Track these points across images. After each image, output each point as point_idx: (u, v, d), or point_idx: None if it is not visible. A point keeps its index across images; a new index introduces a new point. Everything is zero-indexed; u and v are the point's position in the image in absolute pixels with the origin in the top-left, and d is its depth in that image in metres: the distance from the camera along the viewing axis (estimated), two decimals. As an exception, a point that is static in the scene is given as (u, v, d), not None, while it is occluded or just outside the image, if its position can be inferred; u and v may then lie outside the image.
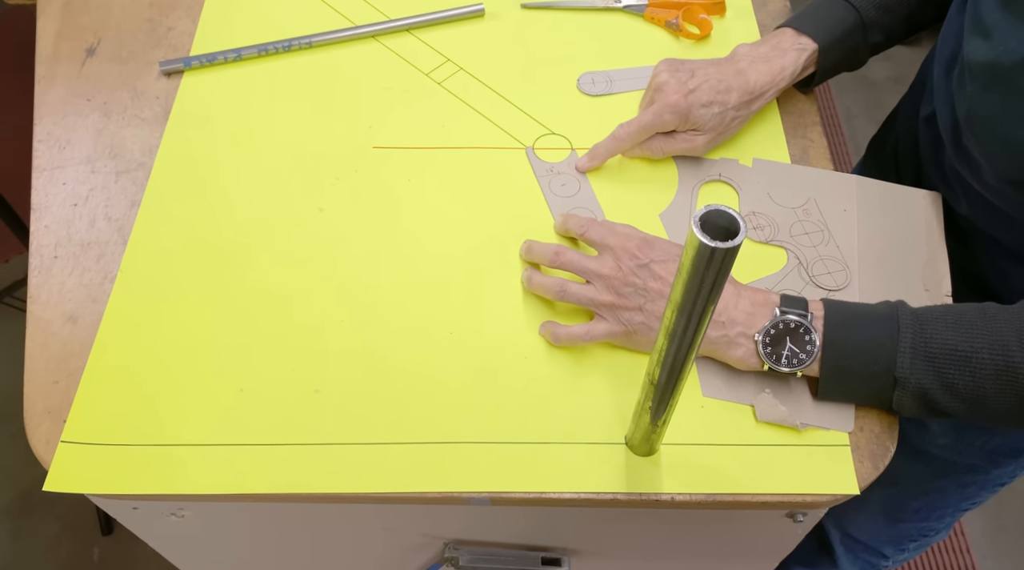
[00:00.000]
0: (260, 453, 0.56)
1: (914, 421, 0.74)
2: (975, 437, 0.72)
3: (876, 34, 0.69)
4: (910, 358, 0.52)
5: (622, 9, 0.82)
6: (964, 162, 0.61)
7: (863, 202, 0.67)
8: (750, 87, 0.67)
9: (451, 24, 0.81)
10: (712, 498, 0.55)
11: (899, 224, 0.65)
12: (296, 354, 0.60)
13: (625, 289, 0.58)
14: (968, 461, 0.76)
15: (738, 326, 0.56)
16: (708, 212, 0.37)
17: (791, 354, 0.55)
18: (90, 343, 0.60)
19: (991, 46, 0.54)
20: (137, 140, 0.72)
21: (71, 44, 0.78)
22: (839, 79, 2.15)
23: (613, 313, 0.58)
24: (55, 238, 0.66)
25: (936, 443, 0.75)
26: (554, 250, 0.61)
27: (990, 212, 0.61)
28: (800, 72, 0.69)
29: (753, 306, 0.56)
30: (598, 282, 0.59)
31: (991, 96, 0.54)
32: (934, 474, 0.80)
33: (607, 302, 0.58)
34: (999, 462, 0.75)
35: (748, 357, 0.56)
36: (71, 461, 0.55)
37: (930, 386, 0.52)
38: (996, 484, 0.80)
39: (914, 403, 0.54)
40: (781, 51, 0.68)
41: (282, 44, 0.77)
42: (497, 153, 0.72)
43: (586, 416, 0.58)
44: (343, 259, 0.65)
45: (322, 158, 0.71)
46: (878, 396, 0.55)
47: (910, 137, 0.73)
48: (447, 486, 0.55)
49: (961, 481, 0.80)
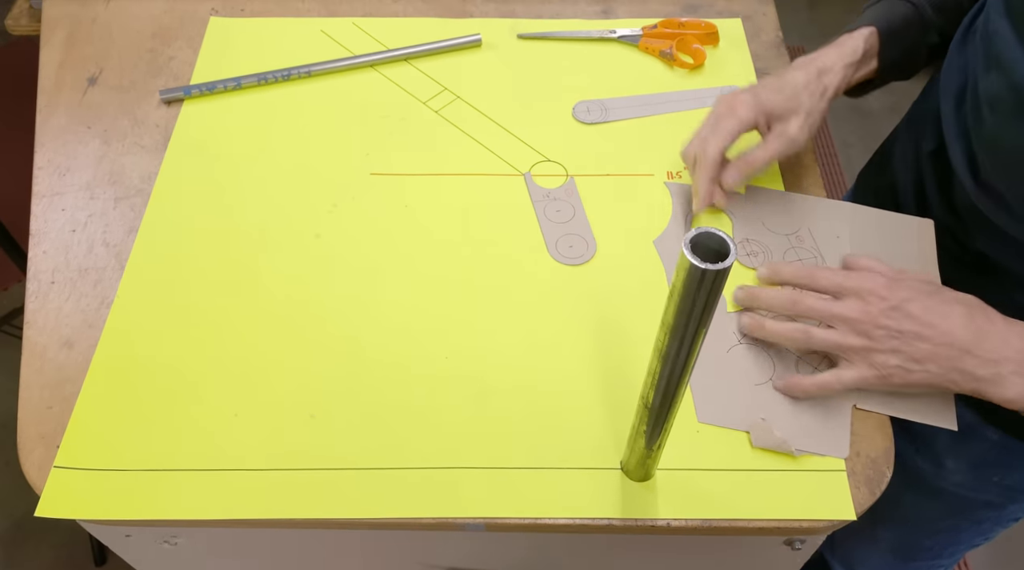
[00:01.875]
0: (254, 478, 0.56)
1: (929, 458, 0.72)
2: (992, 473, 0.71)
3: (933, 35, 0.68)
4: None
5: (617, 39, 0.84)
6: (984, 194, 0.60)
7: (856, 229, 0.68)
8: (814, 67, 0.65)
9: (448, 54, 0.82)
10: (708, 524, 0.55)
11: (892, 251, 0.65)
12: (291, 379, 0.60)
13: (876, 332, 0.55)
14: (984, 497, 0.74)
15: (1012, 364, 0.53)
16: (698, 234, 0.37)
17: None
18: (85, 369, 0.60)
19: (1010, 79, 0.54)
20: (136, 167, 0.73)
21: (73, 73, 0.79)
22: (835, 108, 2.16)
23: (865, 357, 0.56)
24: (53, 264, 0.66)
25: (952, 480, 0.73)
26: (791, 298, 0.59)
27: (1009, 245, 0.60)
28: (862, 54, 0.67)
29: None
30: (843, 326, 0.56)
31: (1012, 127, 0.54)
32: (948, 512, 0.78)
33: (858, 346, 0.56)
34: (1016, 498, 0.74)
35: (1022, 399, 0.53)
36: (64, 486, 0.55)
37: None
38: (1011, 519, 0.78)
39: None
40: (837, 43, 0.68)
41: (281, 73, 0.78)
42: (493, 180, 0.72)
43: (582, 442, 0.58)
44: (339, 285, 0.65)
45: (320, 185, 0.71)
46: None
47: (912, 172, 0.72)
48: (442, 512, 0.55)
49: (976, 517, 0.78)
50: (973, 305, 0.56)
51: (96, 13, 0.84)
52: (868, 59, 0.68)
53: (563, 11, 0.87)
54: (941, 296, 0.56)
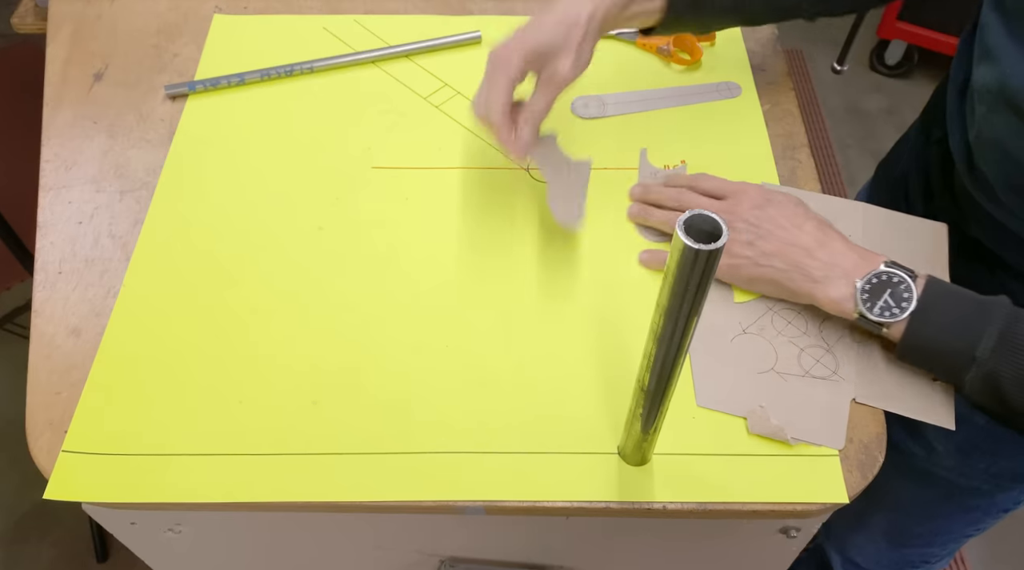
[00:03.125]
0: (258, 463, 0.57)
1: (921, 442, 0.74)
2: (980, 459, 0.72)
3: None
4: (995, 342, 0.54)
5: (615, 36, 0.85)
6: (976, 183, 0.62)
7: (869, 229, 0.68)
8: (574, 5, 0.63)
9: (449, 51, 0.84)
10: (703, 507, 0.56)
11: (904, 252, 0.66)
12: (294, 367, 0.61)
13: (739, 224, 0.62)
14: (973, 484, 0.75)
15: (841, 269, 0.59)
16: (692, 217, 0.38)
17: (886, 305, 0.57)
18: (92, 356, 0.62)
19: (997, 70, 0.56)
20: (142, 161, 0.74)
21: (79, 70, 0.81)
22: (833, 110, 2.19)
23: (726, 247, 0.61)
24: (60, 254, 0.67)
25: (942, 465, 0.75)
26: (677, 192, 0.67)
27: (1000, 233, 0.62)
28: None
29: (861, 259, 0.59)
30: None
31: (998, 118, 0.56)
32: (939, 498, 0.80)
33: None
34: (1004, 486, 0.75)
35: (844, 301, 0.59)
36: (71, 470, 0.56)
37: (1005, 374, 0.54)
38: (1000, 510, 0.80)
39: (985, 387, 0.55)
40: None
41: (284, 69, 0.80)
42: (492, 173, 0.73)
43: (580, 427, 0.59)
44: (341, 275, 0.66)
45: (322, 178, 0.73)
46: (953, 371, 0.57)
47: (921, 160, 0.74)
48: (443, 495, 0.56)
49: (965, 505, 0.80)
50: (824, 223, 0.62)
51: (101, 10, 0.86)
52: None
53: (562, 9, 0.88)
54: (801, 209, 0.64)
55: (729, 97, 0.80)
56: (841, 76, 2.20)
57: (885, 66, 2.19)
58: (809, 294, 0.60)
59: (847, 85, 2.19)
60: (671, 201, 0.67)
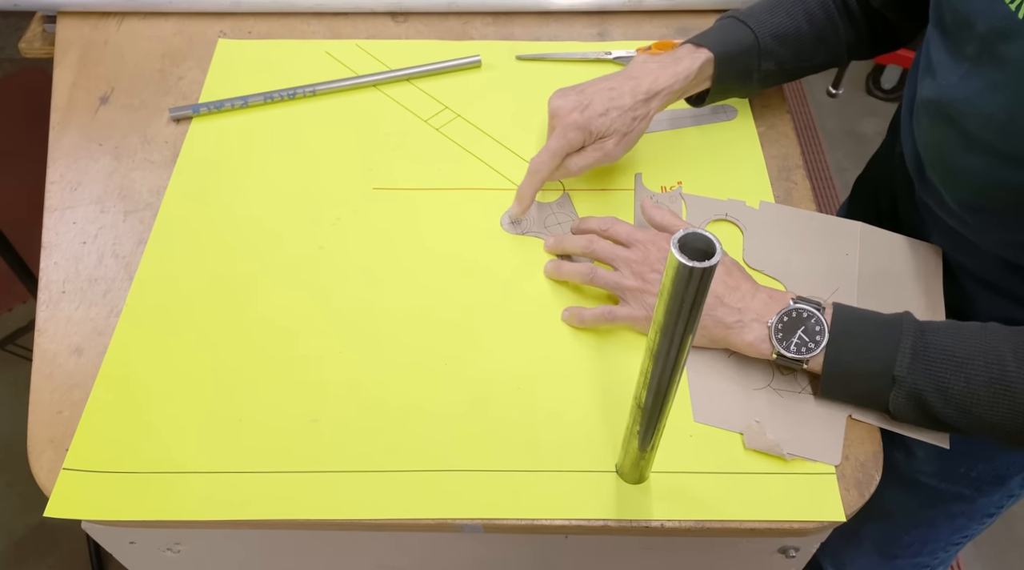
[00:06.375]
0: (258, 481, 0.57)
1: (901, 448, 0.75)
2: (958, 464, 0.73)
3: (769, 61, 0.73)
4: (909, 359, 0.55)
5: (612, 60, 0.86)
6: (928, 192, 0.64)
7: (865, 248, 0.69)
8: (644, 88, 0.70)
9: (449, 74, 0.85)
10: (701, 525, 0.56)
11: (899, 271, 0.67)
12: (294, 385, 0.62)
13: (651, 275, 0.63)
14: (954, 489, 0.76)
15: (753, 313, 0.60)
16: (686, 235, 0.39)
17: (800, 342, 0.58)
18: (94, 375, 0.62)
19: (936, 84, 0.58)
20: (146, 182, 0.75)
21: (85, 93, 0.82)
22: (830, 133, 2.21)
23: (637, 298, 0.63)
24: (64, 274, 0.68)
25: (923, 470, 0.76)
26: (588, 239, 0.67)
27: (955, 239, 0.64)
28: (695, 77, 0.71)
29: (770, 298, 0.60)
30: (625, 268, 0.64)
31: (937, 130, 0.59)
32: (923, 504, 0.81)
33: (632, 287, 0.63)
34: (984, 490, 0.76)
35: (760, 343, 0.59)
36: (72, 488, 0.56)
37: (925, 388, 0.54)
38: (984, 515, 0.81)
39: (909, 405, 0.56)
40: (677, 59, 0.72)
41: (287, 92, 0.81)
42: (492, 194, 0.74)
43: (577, 445, 0.59)
44: (342, 294, 0.67)
45: (323, 199, 0.74)
46: (876, 395, 0.57)
47: (888, 174, 0.76)
48: (442, 513, 0.56)
49: (949, 511, 0.81)
50: (732, 266, 0.63)
51: (108, 35, 0.87)
52: (701, 81, 0.73)
53: (560, 34, 0.89)
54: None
55: (725, 119, 0.81)
56: (838, 99, 2.22)
57: (881, 90, 2.22)
58: (725, 339, 0.61)
59: (844, 108, 2.21)
60: (583, 249, 0.67)
